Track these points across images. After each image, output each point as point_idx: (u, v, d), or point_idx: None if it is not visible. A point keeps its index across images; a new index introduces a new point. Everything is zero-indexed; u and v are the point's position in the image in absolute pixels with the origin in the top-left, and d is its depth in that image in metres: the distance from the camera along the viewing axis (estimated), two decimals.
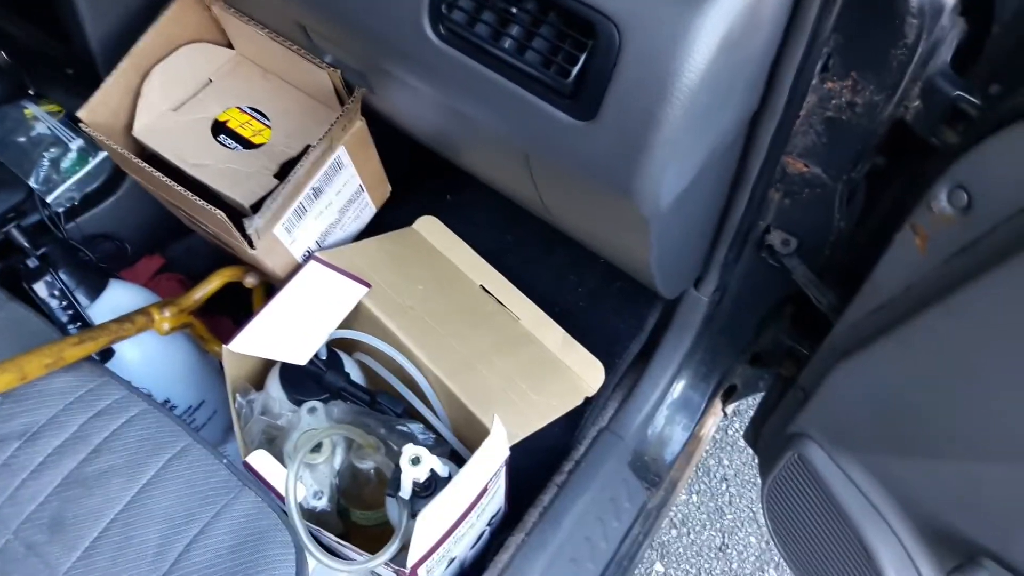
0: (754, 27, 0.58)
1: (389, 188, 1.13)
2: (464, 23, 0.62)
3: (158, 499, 0.78)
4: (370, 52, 0.74)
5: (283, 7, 0.80)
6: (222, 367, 1.13)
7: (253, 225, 0.84)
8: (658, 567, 1.35)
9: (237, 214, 0.87)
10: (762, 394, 1.19)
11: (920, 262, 0.67)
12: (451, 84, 0.67)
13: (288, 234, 0.94)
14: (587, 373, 1.01)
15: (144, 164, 0.84)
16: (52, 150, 1.08)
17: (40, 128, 1.10)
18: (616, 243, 0.84)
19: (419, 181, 1.18)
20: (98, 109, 0.88)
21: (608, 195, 0.66)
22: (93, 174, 1.09)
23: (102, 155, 1.09)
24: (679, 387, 1.08)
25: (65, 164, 1.07)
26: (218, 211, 0.82)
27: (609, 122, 0.60)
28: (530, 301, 1.07)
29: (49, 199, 1.05)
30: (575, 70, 0.60)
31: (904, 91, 0.72)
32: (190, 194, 0.83)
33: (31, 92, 1.14)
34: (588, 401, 1.01)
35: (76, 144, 1.08)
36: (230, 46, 0.98)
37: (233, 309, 1.11)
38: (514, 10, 0.59)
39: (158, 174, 0.83)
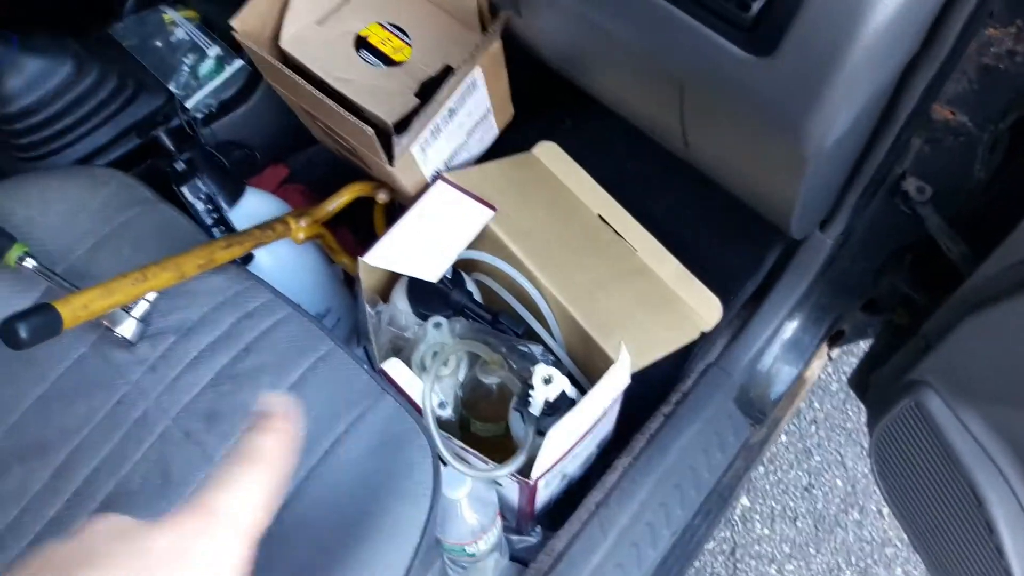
0: None
1: (512, 111, 1.13)
2: None
3: (306, 397, 0.82)
4: None
5: None
6: (346, 277, 1.19)
7: (400, 144, 0.86)
8: (744, 501, 1.38)
9: (378, 129, 0.89)
10: (869, 340, 1.19)
11: None
12: (621, 13, 0.67)
13: (423, 153, 0.96)
14: (703, 308, 1.02)
15: (296, 76, 0.86)
16: (190, 56, 1.11)
17: (179, 33, 1.13)
18: (762, 181, 0.84)
19: (539, 104, 1.18)
20: (248, 18, 0.90)
21: (773, 133, 0.66)
22: (229, 82, 1.12)
23: (237, 63, 1.11)
24: (791, 328, 1.09)
25: (203, 71, 1.10)
26: (367, 127, 0.84)
27: (788, 59, 0.60)
28: (647, 232, 1.08)
29: (188, 104, 1.09)
30: (757, 5, 0.59)
31: None
32: (340, 108, 0.85)
33: None
34: (701, 335, 1.02)
35: (213, 51, 1.11)
36: None
37: (351, 222, 1.14)
38: None
39: (309, 87, 0.85)
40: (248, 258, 1.01)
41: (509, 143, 1.15)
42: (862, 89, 0.63)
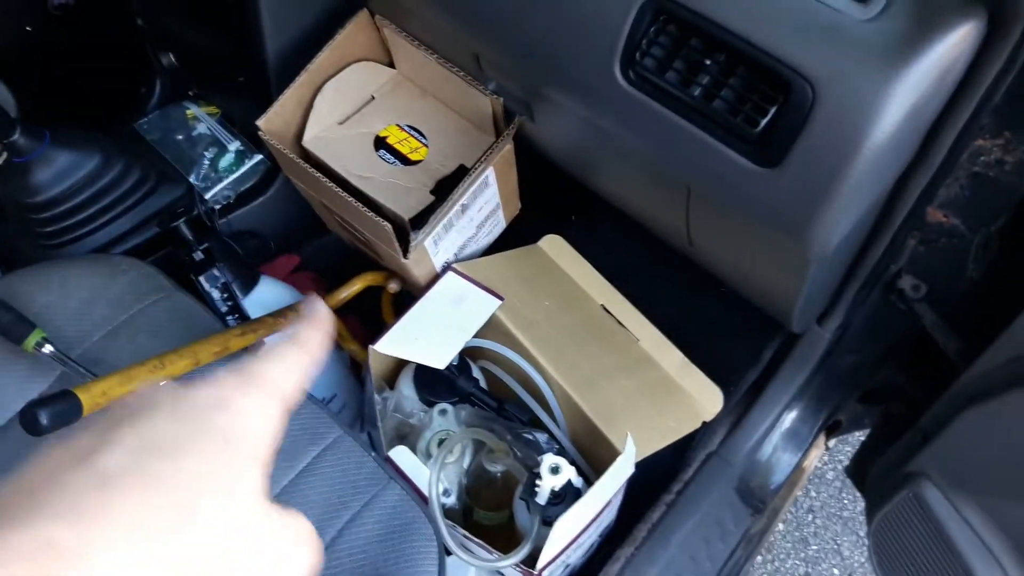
0: (937, 93, 0.62)
1: (519, 205, 1.18)
2: (654, 70, 0.66)
3: (314, 485, 0.84)
4: (551, 88, 0.79)
5: (462, 39, 0.85)
6: (352, 363, 1.21)
7: (416, 238, 0.90)
8: None
9: (395, 224, 0.93)
10: (866, 430, 1.21)
11: None
12: (632, 125, 0.71)
13: (435, 246, 1.00)
14: (705, 398, 1.05)
15: (317, 173, 0.91)
16: (211, 150, 1.16)
17: (200, 128, 1.18)
18: (764, 280, 0.88)
19: (546, 199, 1.23)
20: (274, 119, 0.95)
21: (778, 239, 0.70)
22: (247, 175, 1.16)
23: (256, 157, 1.16)
24: (789, 418, 1.11)
25: (223, 164, 1.15)
26: (385, 223, 0.88)
27: (793, 171, 0.64)
28: (650, 323, 1.11)
29: (207, 196, 1.13)
30: (764, 120, 0.64)
31: None
32: (359, 204, 0.89)
33: (191, 93, 1.23)
34: (702, 425, 1.04)
35: (234, 145, 1.16)
36: (392, 65, 1.05)
37: (359, 310, 1.17)
38: (707, 61, 0.63)
39: (330, 184, 0.90)
40: (259, 346, 1.03)
41: (516, 235, 1.19)
42: (863, 198, 0.67)
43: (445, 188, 0.94)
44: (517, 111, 0.94)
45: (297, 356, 0.37)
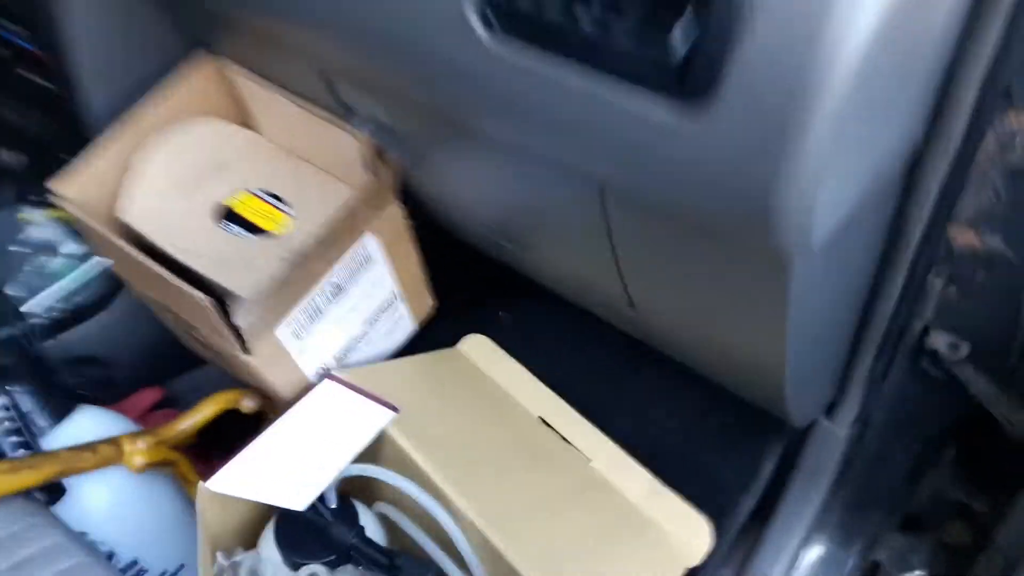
0: (924, 19, 0.40)
1: (431, 302, 0.93)
2: (526, 7, 0.44)
3: None
4: (408, 76, 0.57)
5: (306, 54, 0.65)
6: None
7: (242, 314, 0.64)
8: None
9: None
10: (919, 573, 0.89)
11: None
12: (509, 95, 0.49)
13: (297, 341, 0.74)
14: (687, 534, 0.74)
15: (115, 238, 0.67)
16: (42, 256, 0.93)
17: (34, 232, 0.95)
18: (734, 340, 0.62)
19: (466, 297, 0.98)
20: (84, 183, 0.72)
21: (731, 230, 0.45)
22: (85, 284, 0.92)
23: (96, 261, 0.93)
24: (808, 560, 0.80)
25: (49, 269, 0.91)
26: (198, 293, 0.63)
27: (730, 114, 0.40)
28: (605, 437, 0.83)
29: (27, 308, 0.88)
30: (678, 36, 0.41)
31: None
32: (165, 272, 0.64)
33: (31, 198, 1.01)
34: (691, 573, 0.73)
35: (68, 247, 0.93)
36: (245, 124, 0.84)
37: (230, 446, 0.89)
38: None
39: (129, 248, 0.66)
40: (57, 490, 0.74)
41: (432, 340, 0.94)
42: (844, 165, 0.43)
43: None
44: (394, 151, 0.72)
45: None
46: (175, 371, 1.04)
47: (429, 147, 0.67)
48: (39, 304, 0.89)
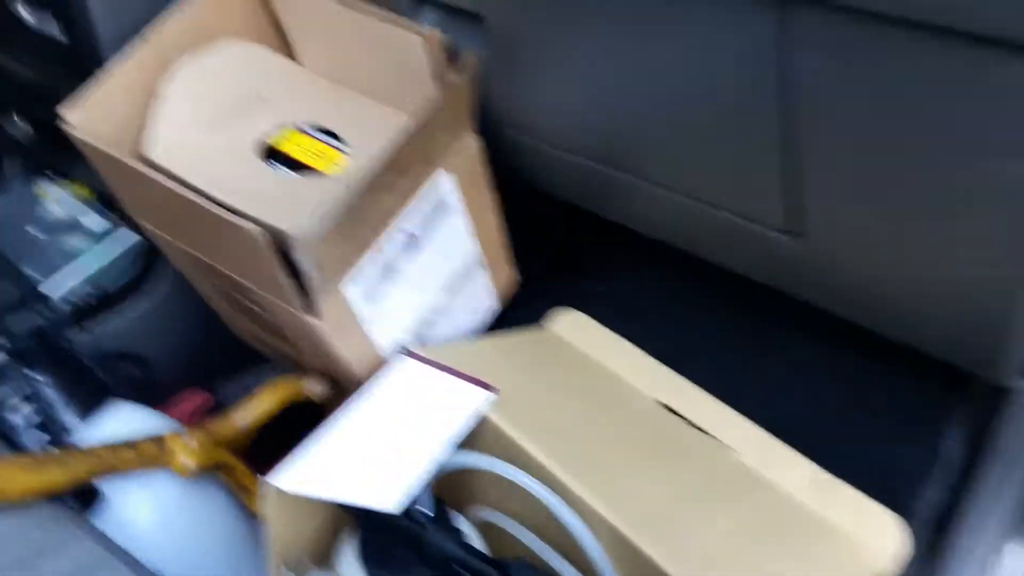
0: None
1: (514, 275, 0.79)
2: None
3: None
4: None
5: None
6: None
7: (303, 252, 0.51)
8: None
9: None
10: None
11: None
12: None
13: (368, 305, 0.60)
14: (870, 534, 0.59)
15: (140, 165, 0.54)
16: (69, 234, 0.81)
17: (55, 209, 0.83)
18: (962, 254, 0.47)
19: (546, 266, 0.84)
20: (94, 109, 0.59)
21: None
22: (114, 265, 0.80)
23: (127, 237, 0.80)
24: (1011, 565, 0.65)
25: (70, 247, 0.79)
26: (248, 224, 0.50)
27: None
28: (744, 419, 0.68)
29: (48, 291, 0.76)
30: None
31: None
32: (205, 202, 0.51)
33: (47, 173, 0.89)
34: None
35: (93, 221, 0.81)
36: (279, 48, 0.70)
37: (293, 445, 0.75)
38: None
39: (157, 176, 0.53)
40: (90, 495, 0.61)
41: (513, 321, 0.80)
42: None
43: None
44: (472, 45, 0.59)
45: None
46: (224, 374, 0.91)
47: (524, 29, 0.54)
48: (60, 284, 0.76)
